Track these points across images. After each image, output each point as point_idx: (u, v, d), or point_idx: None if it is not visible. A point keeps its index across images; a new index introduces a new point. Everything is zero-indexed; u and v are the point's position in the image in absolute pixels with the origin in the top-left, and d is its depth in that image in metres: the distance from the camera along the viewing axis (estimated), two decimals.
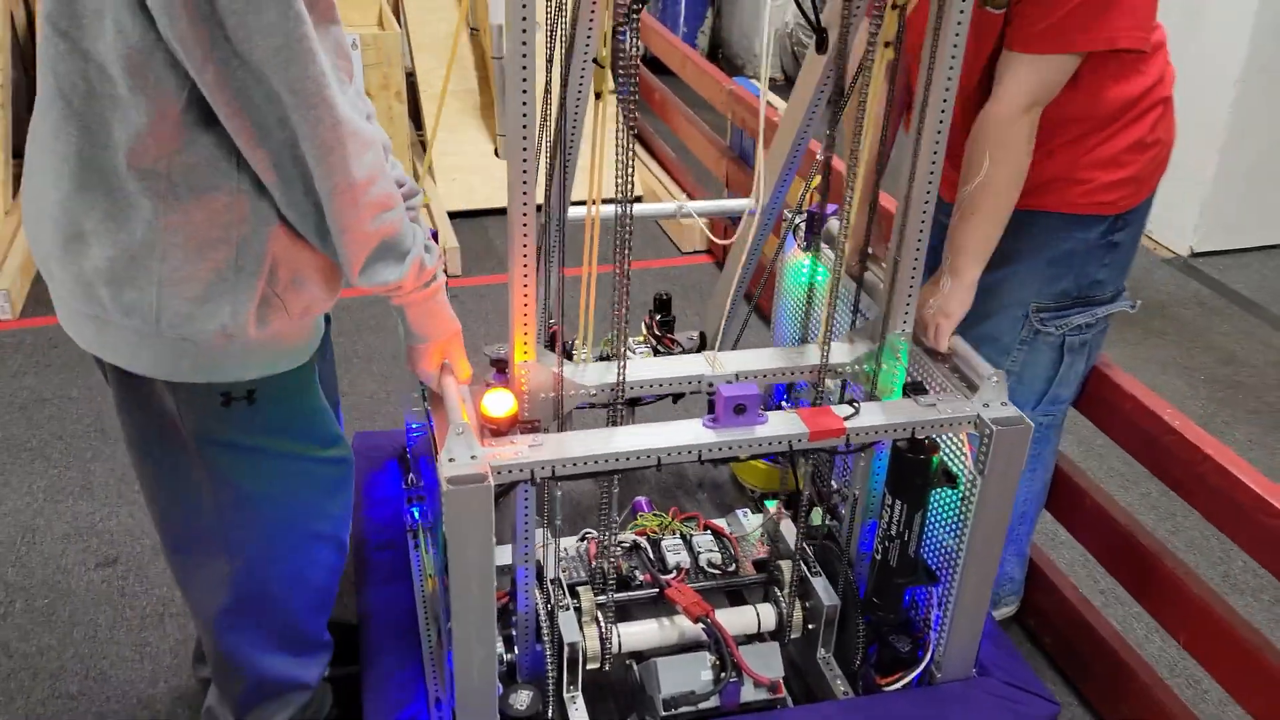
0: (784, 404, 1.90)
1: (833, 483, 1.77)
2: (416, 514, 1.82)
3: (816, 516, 1.77)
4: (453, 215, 3.68)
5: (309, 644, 1.51)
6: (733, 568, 1.74)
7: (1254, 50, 3.32)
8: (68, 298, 1.20)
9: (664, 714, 1.51)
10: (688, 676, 1.53)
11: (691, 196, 3.84)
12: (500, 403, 1.35)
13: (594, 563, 1.67)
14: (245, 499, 1.32)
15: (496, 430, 1.35)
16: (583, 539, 1.81)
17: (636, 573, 1.70)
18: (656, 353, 1.86)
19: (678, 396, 1.74)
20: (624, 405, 1.42)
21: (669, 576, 1.69)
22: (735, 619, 1.64)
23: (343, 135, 1.08)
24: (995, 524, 1.45)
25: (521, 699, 1.48)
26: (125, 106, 1.07)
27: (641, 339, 1.98)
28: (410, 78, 4.06)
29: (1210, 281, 3.54)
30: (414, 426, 1.82)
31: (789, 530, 1.72)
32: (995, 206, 1.52)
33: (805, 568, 1.67)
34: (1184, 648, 1.66)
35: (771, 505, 1.81)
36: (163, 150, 1.08)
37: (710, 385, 1.46)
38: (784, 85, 5.20)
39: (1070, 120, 1.55)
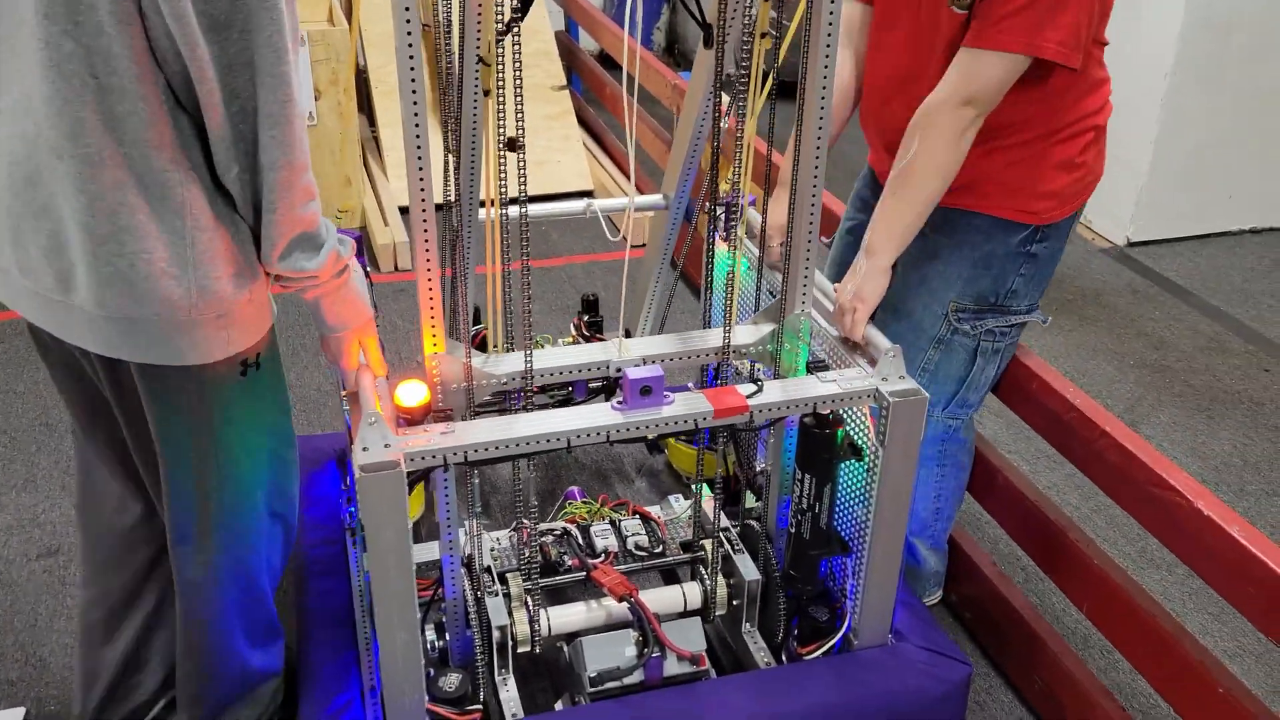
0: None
1: (756, 464, 1.86)
2: (355, 513, 1.88)
3: (750, 499, 1.85)
4: (404, 210, 3.74)
5: (275, 629, 1.61)
6: (659, 549, 1.82)
7: (1184, 44, 3.44)
8: (87, 306, 1.24)
9: (591, 690, 1.58)
10: (612, 654, 1.60)
11: (641, 190, 3.92)
12: (413, 393, 1.42)
13: (522, 549, 1.74)
14: (240, 480, 1.42)
15: (411, 420, 1.42)
16: (515, 529, 1.87)
17: (565, 558, 1.77)
18: None
19: (604, 390, 1.82)
20: (535, 393, 1.49)
21: (597, 561, 1.76)
22: (662, 598, 1.72)
23: (291, 114, 1.18)
24: (900, 493, 1.53)
25: (450, 680, 1.55)
26: (133, 97, 1.15)
27: (570, 340, 2.05)
28: (363, 74, 4.14)
29: (1144, 270, 3.66)
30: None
31: (715, 513, 1.79)
32: (915, 192, 1.59)
33: (729, 545, 1.75)
34: (1086, 617, 1.76)
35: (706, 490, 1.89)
36: (168, 134, 1.18)
37: (617, 370, 1.53)
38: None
39: (1006, 126, 1.64)
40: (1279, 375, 3.04)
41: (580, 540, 1.82)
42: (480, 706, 1.57)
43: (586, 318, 2.06)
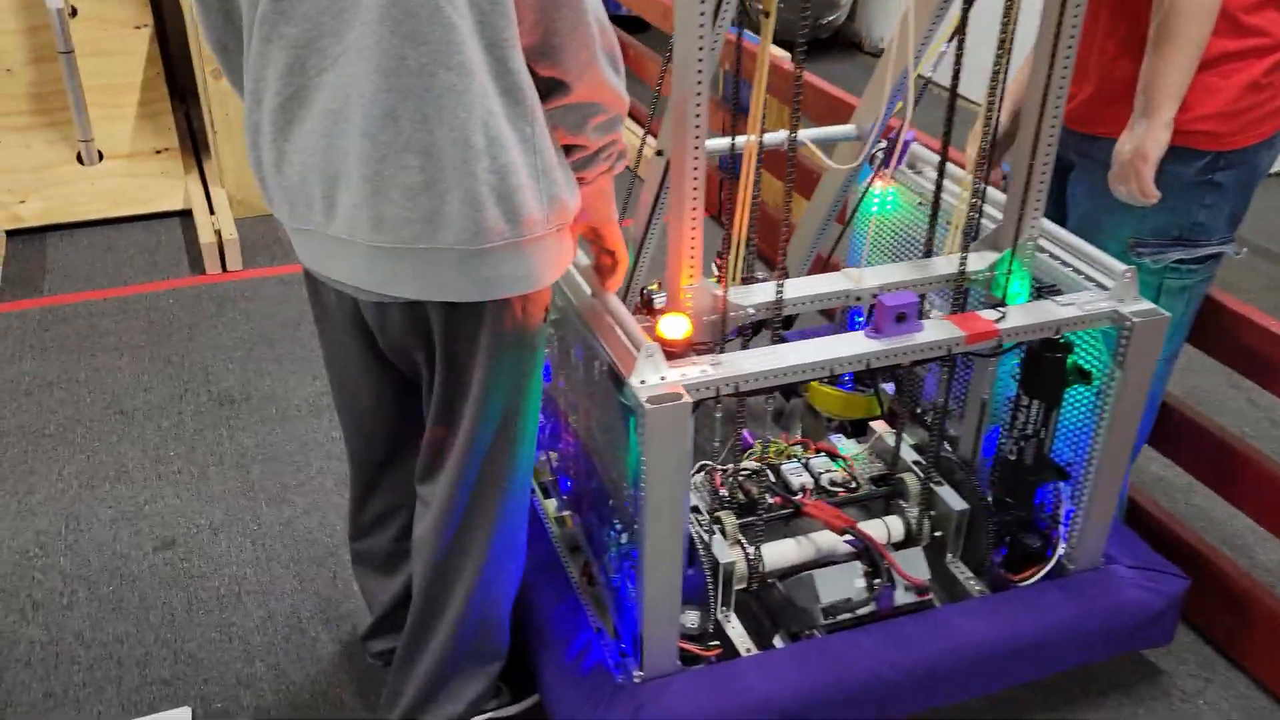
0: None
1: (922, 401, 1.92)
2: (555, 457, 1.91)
3: (910, 436, 1.91)
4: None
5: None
6: (854, 485, 1.88)
7: None
8: (458, 241, 1.22)
9: (824, 623, 1.64)
10: (843, 586, 1.66)
11: None
12: (676, 326, 1.45)
13: (721, 490, 1.78)
14: (528, 442, 1.45)
15: (671, 353, 1.44)
16: (700, 471, 1.92)
17: (766, 496, 1.82)
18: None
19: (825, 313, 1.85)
20: (780, 323, 1.53)
21: (797, 498, 1.81)
22: (869, 532, 1.78)
23: None
24: (1131, 416, 1.61)
25: (690, 618, 1.59)
26: None
27: (714, 278, 2.08)
28: None
29: None
30: None
31: (896, 445, 1.85)
32: (1185, 33, 1.58)
33: (928, 477, 1.82)
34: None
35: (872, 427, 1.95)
36: (565, 26, 1.19)
37: (857, 299, 1.58)
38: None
39: None
40: None
41: (773, 479, 1.87)
42: (719, 643, 1.62)
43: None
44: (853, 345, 1.48)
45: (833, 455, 1.94)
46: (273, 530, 2.19)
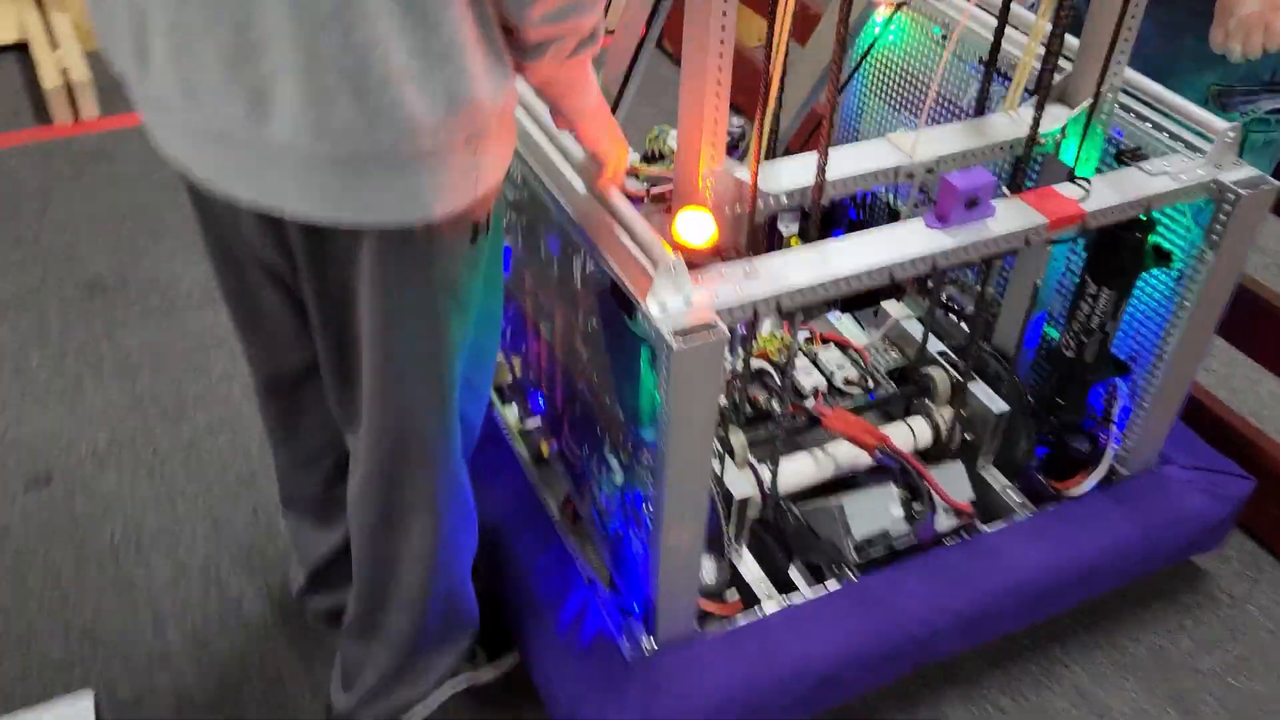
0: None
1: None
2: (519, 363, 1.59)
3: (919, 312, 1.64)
4: None
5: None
6: (871, 384, 1.61)
7: None
8: (295, 138, 0.87)
9: (856, 560, 1.40)
10: (878, 515, 1.41)
11: None
12: (699, 226, 1.11)
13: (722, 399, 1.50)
14: (451, 373, 1.11)
15: (691, 261, 1.11)
16: None
17: (774, 404, 1.54)
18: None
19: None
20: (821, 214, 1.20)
21: (810, 404, 1.54)
22: (893, 439, 1.53)
23: None
24: (1218, 302, 1.36)
25: (706, 570, 1.33)
26: None
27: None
28: None
29: None
30: None
31: (918, 331, 1.58)
32: None
33: (955, 373, 1.56)
34: None
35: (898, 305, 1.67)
36: None
37: (909, 175, 1.25)
38: None
39: None
40: None
41: (778, 380, 1.59)
42: (739, 597, 1.38)
43: None
44: (918, 242, 1.17)
45: (842, 346, 1.66)
46: (173, 456, 1.82)
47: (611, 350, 1.19)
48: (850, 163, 1.22)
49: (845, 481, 1.49)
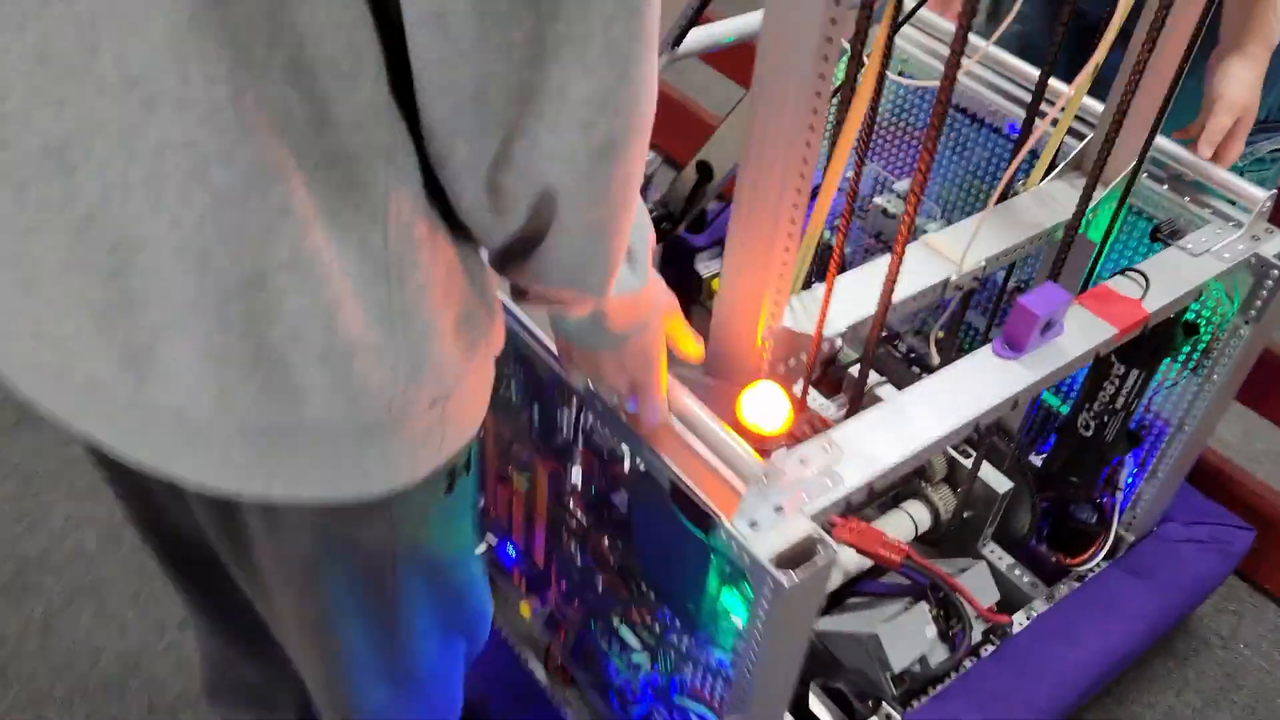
0: None
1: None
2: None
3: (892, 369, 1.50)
4: None
5: None
6: None
7: None
8: (196, 409, 0.59)
9: (895, 694, 1.26)
10: (914, 641, 1.27)
11: None
12: (772, 407, 0.90)
13: None
14: (427, 653, 0.89)
15: (760, 448, 0.90)
16: None
17: None
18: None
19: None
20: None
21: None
22: (892, 531, 1.39)
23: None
24: (1244, 370, 1.28)
25: None
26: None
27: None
28: None
29: None
30: None
31: None
32: None
33: (950, 451, 1.43)
34: None
35: None
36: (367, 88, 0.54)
37: (957, 288, 1.08)
38: None
39: None
40: None
41: None
42: None
43: None
44: (994, 379, 1.00)
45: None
46: (24, 652, 1.45)
47: (652, 542, 0.97)
48: (900, 288, 1.03)
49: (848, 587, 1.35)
